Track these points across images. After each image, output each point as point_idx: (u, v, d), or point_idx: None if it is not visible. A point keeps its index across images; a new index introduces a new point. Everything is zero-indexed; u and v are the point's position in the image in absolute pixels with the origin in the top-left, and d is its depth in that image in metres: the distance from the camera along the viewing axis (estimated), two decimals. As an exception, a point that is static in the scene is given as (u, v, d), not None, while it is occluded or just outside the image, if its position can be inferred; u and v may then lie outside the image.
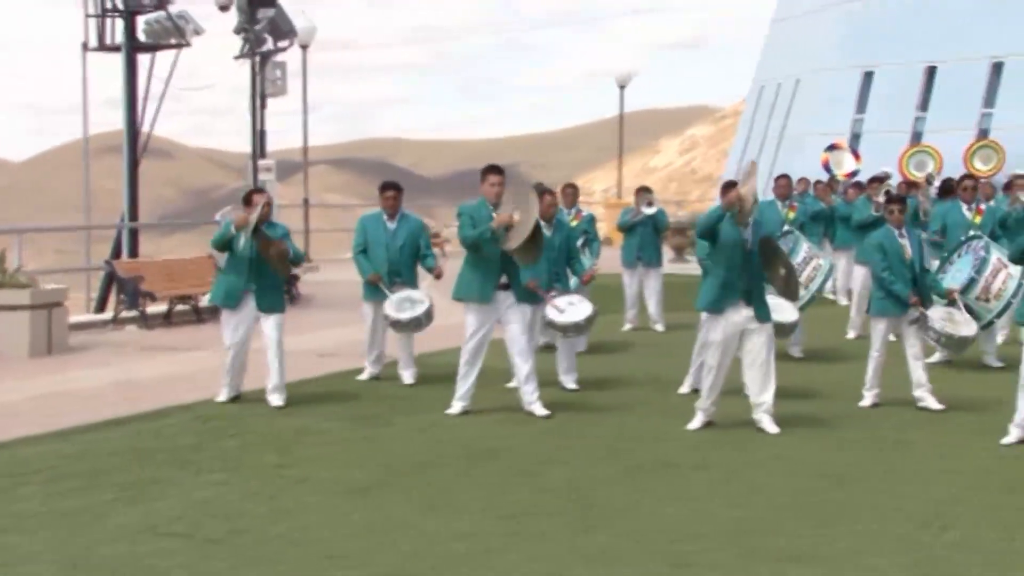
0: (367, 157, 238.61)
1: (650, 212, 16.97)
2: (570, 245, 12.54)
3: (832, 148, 25.19)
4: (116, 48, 24.29)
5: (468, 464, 9.31)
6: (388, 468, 9.19)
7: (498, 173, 11.07)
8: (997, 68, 26.59)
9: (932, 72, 27.52)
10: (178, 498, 8.33)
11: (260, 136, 24.72)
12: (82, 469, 9.13)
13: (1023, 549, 7.16)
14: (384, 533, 7.50)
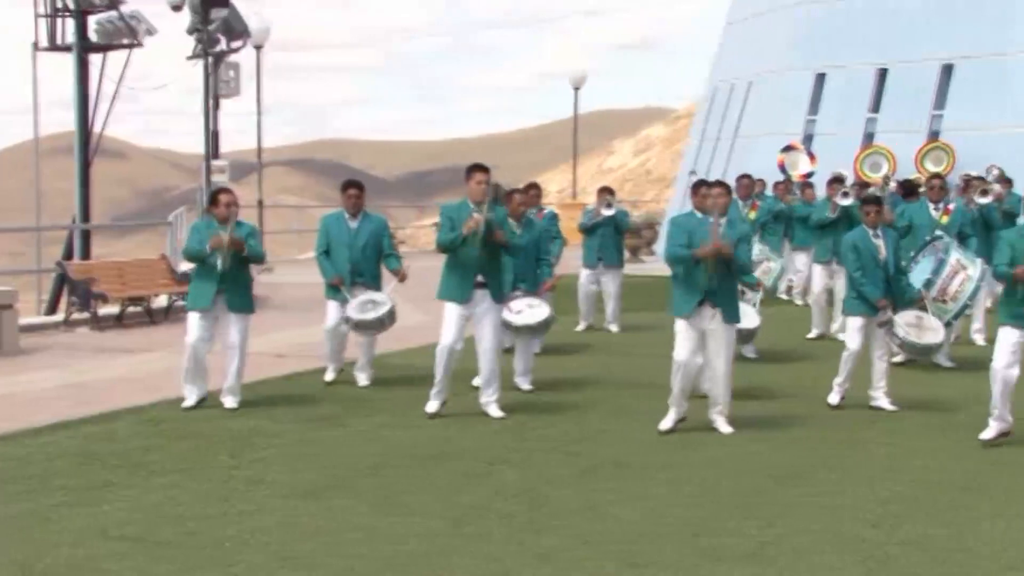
0: (322, 158, 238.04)
1: (610, 213, 17.01)
2: (539, 246, 12.53)
3: (788, 149, 25.34)
4: (67, 48, 24.15)
5: (421, 465, 9.30)
6: (341, 470, 9.16)
7: (484, 171, 10.92)
8: (947, 70, 26.81)
9: (883, 74, 27.71)
10: (129, 501, 8.27)
11: (213, 137, 24.60)
12: (32, 472, 9.05)
13: (973, 547, 7.23)
14: (337, 534, 7.48)
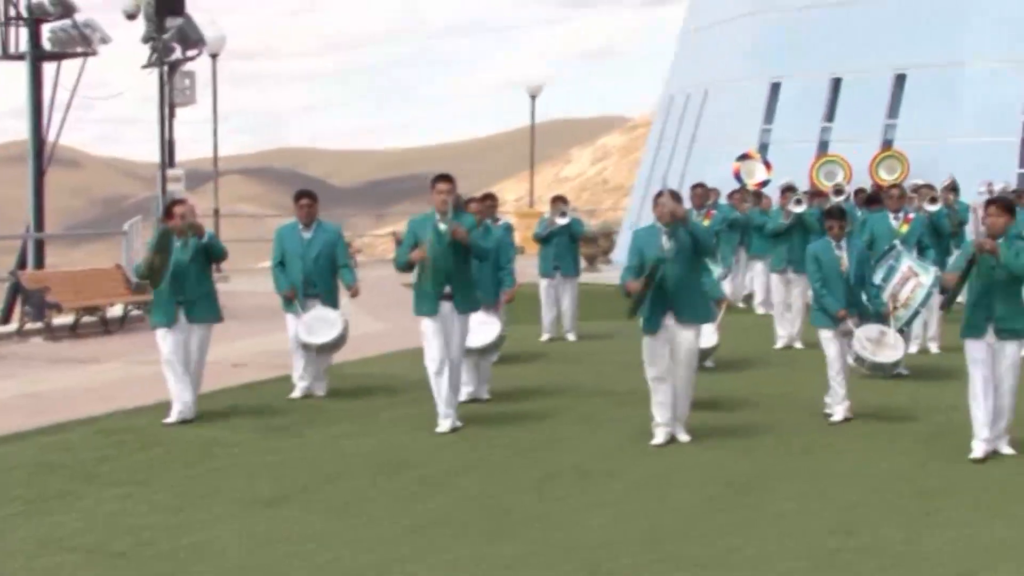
0: (279, 167, 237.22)
1: (564, 222, 17.01)
2: (499, 255, 12.46)
3: (744, 158, 25.47)
4: (20, 57, 23.89)
5: (379, 475, 9.27)
6: (297, 480, 9.12)
7: (446, 181, 10.77)
8: (900, 80, 27.07)
9: (837, 84, 27.95)
10: (83, 511, 8.21)
11: (169, 145, 24.46)
12: (-15, 484, 8.96)
13: (928, 552, 7.27)
14: (295, 544, 7.44)
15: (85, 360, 15.62)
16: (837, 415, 11.16)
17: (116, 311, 18.85)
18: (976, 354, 9.66)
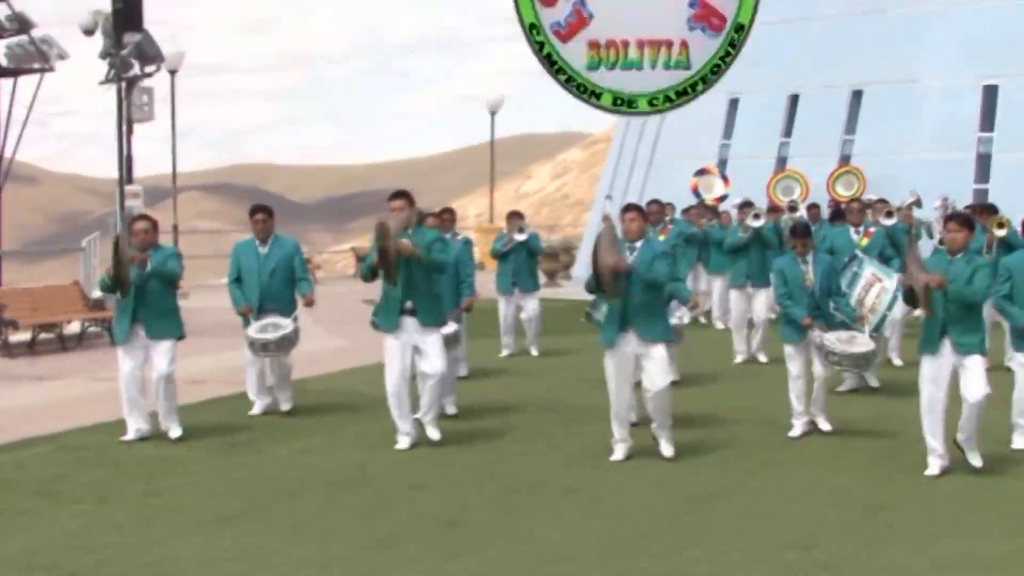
0: (239, 183, 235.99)
1: (521, 239, 16.98)
2: (458, 268, 12.43)
3: (701, 173, 25.61)
4: (-24, 72, 23.78)
5: (339, 490, 9.25)
6: (258, 495, 9.09)
7: (399, 198, 10.73)
8: (857, 96, 27.33)
9: (795, 100, 28.20)
10: (42, 529, 8.15)
11: (127, 161, 24.36)
12: (-59, 502, 8.88)
13: (887, 566, 7.32)
14: (255, 560, 7.42)
15: (43, 377, 15.51)
16: (796, 430, 11.22)
17: (74, 328, 18.73)
18: (927, 371, 9.67)
